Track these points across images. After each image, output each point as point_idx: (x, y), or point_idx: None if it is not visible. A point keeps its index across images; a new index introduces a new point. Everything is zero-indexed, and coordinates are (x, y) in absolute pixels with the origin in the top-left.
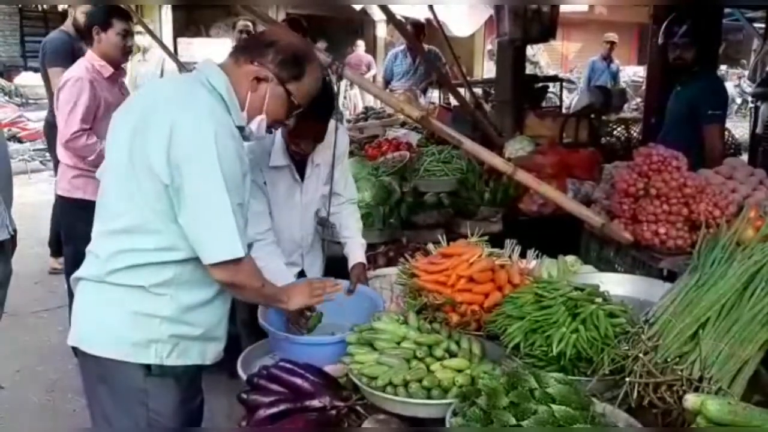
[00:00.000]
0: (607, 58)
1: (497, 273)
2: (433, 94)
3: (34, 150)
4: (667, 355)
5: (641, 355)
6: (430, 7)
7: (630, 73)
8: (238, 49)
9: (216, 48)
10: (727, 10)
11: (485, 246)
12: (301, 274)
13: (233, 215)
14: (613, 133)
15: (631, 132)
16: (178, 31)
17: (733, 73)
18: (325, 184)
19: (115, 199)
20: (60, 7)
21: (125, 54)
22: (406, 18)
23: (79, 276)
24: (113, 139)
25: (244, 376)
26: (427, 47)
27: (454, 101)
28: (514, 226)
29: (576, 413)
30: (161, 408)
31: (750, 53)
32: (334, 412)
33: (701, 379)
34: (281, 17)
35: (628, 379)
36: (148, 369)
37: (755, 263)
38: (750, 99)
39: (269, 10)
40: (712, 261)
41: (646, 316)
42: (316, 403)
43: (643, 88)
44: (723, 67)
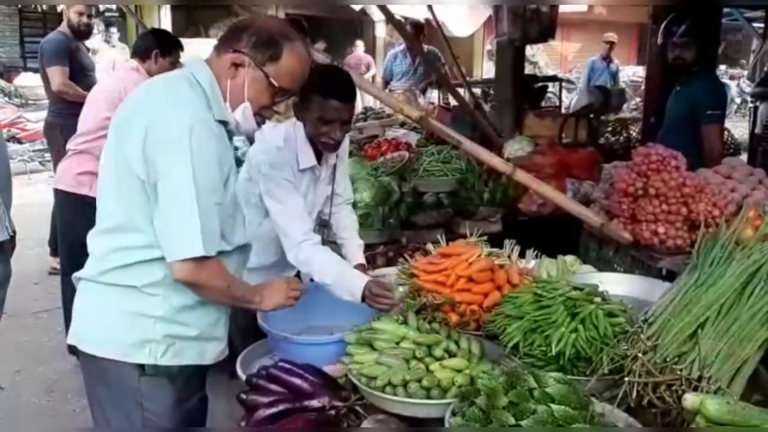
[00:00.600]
0: (607, 58)
1: (496, 273)
2: (433, 95)
3: (34, 151)
4: (667, 354)
5: (640, 354)
6: (430, 8)
7: (629, 73)
8: (219, 41)
9: None
10: (726, 10)
11: (484, 246)
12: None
13: (198, 213)
14: (613, 133)
15: (631, 132)
16: (178, 31)
17: (732, 73)
18: (328, 185)
19: (105, 197)
20: (59, 8)
21: None
22: (405, 18)
23: (79, 276)
24: (107, 138)
25: (243, 377)
26: (427, 47)
27: (453, 101)
28: (513, 226)
29: (575, 413)
30: (156, 408)
31: (749, 53)
32: (333, 412)
33: (700, 379)
34: (281, 17)
35: (627, 379)
36: (142, 369)
37: (754, 262)
38: (749, 99)
39: (269, 10)
40: (711, 260)
41: (645, 316)
42: (315, 403)
43: (642, 88)
44: (722, 67)
